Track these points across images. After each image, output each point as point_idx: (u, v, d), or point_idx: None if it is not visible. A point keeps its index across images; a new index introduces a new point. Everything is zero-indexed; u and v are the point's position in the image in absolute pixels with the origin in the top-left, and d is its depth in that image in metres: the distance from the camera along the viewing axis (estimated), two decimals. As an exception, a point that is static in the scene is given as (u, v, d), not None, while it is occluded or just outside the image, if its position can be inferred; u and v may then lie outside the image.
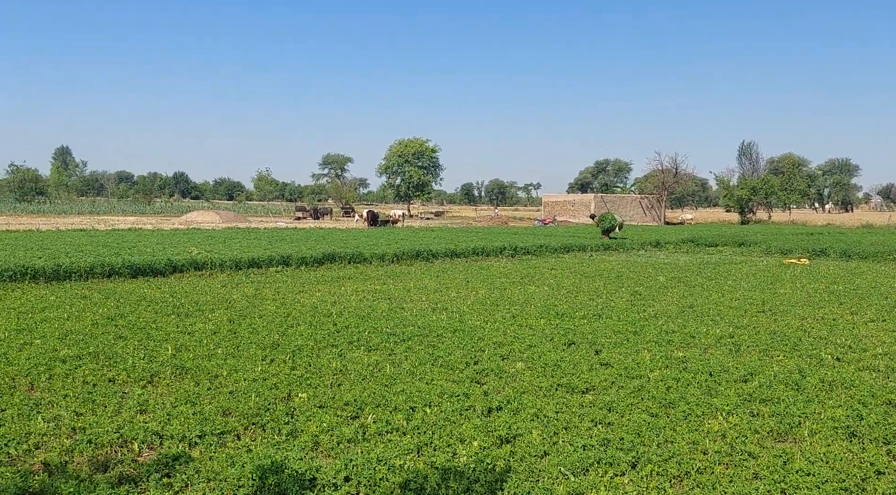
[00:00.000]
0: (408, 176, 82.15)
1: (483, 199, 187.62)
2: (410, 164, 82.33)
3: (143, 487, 4.75)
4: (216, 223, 51.11)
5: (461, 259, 23.61)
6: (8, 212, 65.77)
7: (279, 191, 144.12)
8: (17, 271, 14.99)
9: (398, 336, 9.92)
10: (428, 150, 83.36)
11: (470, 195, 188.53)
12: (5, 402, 6.49)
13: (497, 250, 25.44)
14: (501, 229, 46.70)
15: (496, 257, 24.74)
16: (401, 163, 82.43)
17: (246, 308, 12.36)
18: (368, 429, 5.93)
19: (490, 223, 64.24)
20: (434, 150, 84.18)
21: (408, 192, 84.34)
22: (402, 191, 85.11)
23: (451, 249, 24.26)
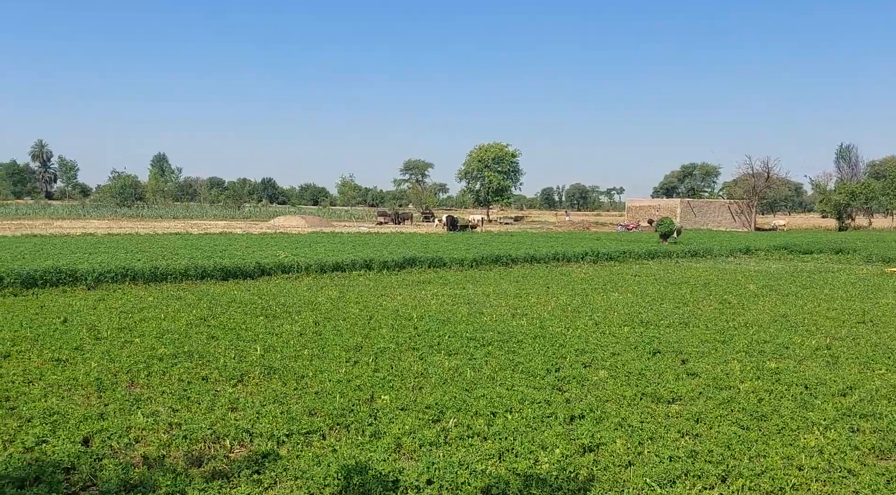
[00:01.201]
0: (487, 181, 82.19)
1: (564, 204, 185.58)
2: (490, 169, 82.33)
3: (235, 483, 4.93)
4: (302, 227, 52.62)
5: (541, 264, 23.42)
6: (110, 216, 69.77)
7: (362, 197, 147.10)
8: (119, 273, 15.86)
9: (478, 341, 9.93)
10: (508, 155, 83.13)
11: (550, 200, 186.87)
12: (108, 397, 6.87)
13: (578, 256, 25.10)
14: (583, 234, 46.05)
15: (577, 263, 24.42)
16: (480, 168, 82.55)
17: (330, 310, 12.65)
18: (450, 433, 5.96)
19: (571, 228, 63.45)
20: (514, 155, 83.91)
21: (487, 197, 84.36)
22: (481, 196, 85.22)
23: (530, 254, 24.11)
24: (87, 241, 26.37)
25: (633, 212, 75.72)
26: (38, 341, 9.28)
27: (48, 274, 14.82)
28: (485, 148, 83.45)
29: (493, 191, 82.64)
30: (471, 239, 34.27)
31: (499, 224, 72.74)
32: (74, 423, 5.97)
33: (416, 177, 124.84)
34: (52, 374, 7.61)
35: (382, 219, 67.02)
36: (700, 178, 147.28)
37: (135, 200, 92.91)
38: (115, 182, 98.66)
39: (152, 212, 78.23)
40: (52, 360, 8.28)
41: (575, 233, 48.58)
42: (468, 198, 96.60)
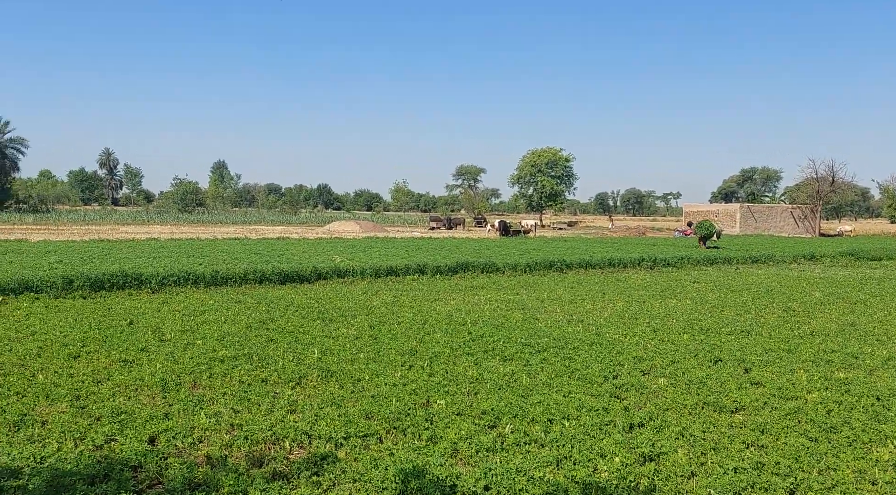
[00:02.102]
0: (540, 186, 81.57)
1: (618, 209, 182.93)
2: (543, 174, 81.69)
3: (295, 484, 4.99)
4: (356, 233, 53.23)
5: (596, 270, 23.12)
6: (172, 221, 71.87)
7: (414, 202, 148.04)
8: (181, 277, 16.32)
9: (533, 346, 9.85)
10: (561, 160, 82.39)
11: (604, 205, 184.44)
12: (172, 398, 7.06)
13: (634, 261, 24.70)
14: (638, 240, 45.28)
15: (633, 269, 24.02)
16: (533, 172, 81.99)
17: (385, 314, 12.74)
18: (506, 439, 5.92)
19: (626, 233, 62.51)
20: (568, 159, 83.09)
21: (540, 202, 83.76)
22: (534, 201, 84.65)
23: (585, 260, 23.83)
24: (150, 246, 27.21)
25: (690, 217, 74.11)
26: (106, 342, 9.60)
27: (115, 277, 15.35)
28: (538, 152, 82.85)
29: (547, 196, 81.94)
30: (524, 244, 34.07)
31: (552, 229, 72.15)
32: (141, 422, 6.15)
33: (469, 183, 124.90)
34: (120, 375, 7.86)
35: (435, 225, 67.24)
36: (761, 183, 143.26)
37: (196, 206, 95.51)
38: (177, 188, 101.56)
39: (212, 218, 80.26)
40: (119, 361, 8.56)
41: (630, 239, 47.79)
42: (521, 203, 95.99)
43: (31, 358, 8.61)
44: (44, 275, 14.83)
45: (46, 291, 14.14)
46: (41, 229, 47.08)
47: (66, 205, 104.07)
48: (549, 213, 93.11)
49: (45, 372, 7.91)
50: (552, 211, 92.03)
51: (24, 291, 13.99)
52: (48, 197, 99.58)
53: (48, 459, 5.23)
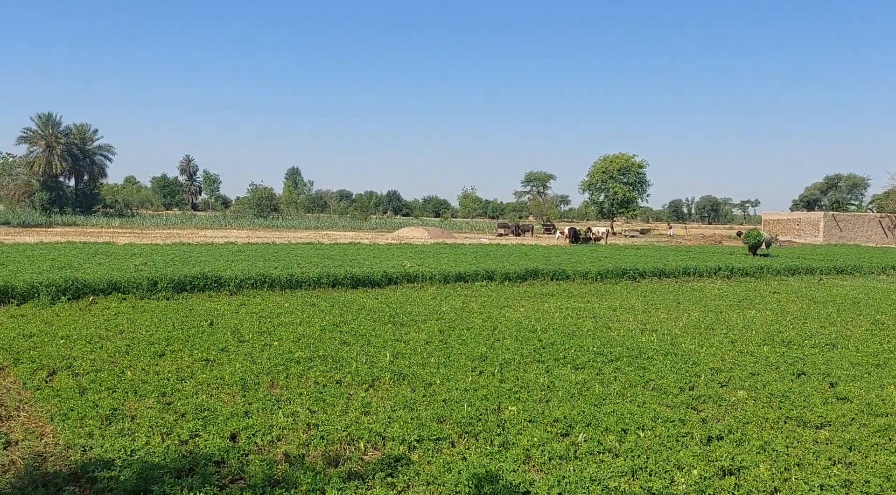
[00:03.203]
0: (612, 192, 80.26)
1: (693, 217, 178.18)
2: (615, 180, 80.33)
3: (370, 484, 5.08)
4: (424, 238, 53.68)
5: (670, 279, 22.60)
6: (248, 226, 74.17)
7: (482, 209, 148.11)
8: (258, 280, 16.83)
9: (606, 356, 9.71)
10: (634, 166, 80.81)
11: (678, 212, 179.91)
12: (252, 397, 7.29)
13: (710, 270, 24.02)
14: (714, 248, 43.98)
15: (709, 278, 23.35)
16: (605, 179, 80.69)
17: (454, 320, 12.80)
18: (580, 448, 5.86)
19: (701, 242, 60.82)
20: (641, 165, 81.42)
21: (611, 209, 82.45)
22: (604, 208, 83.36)
23: (658, 268, 23.32)
24: (228, 250, 28.15)
25: (769, 225, 71.50)
26: (189, 342, 10.00)
27: (196, 280, 15.97)
28: (610, 158, 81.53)
29: (618, 202, 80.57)
30: (594, 251, 33.62)
31: (624, 237, 70.94)
32: (223, 420, 6.38)
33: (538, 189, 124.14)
34: (202, 373, 8.17)
35: (503, 231, 67.08)
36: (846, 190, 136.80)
37: (270, 211, 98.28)
38: (253, 194, 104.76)
39: (286, 223, 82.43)
40: (201, 360, 8.90)
41: (706, 247, 46.48)
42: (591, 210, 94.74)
43: (120, 355, 9.04)
44: (130, 276, 15.55)
45: (133, 292, 14.82)
46: (126, 232, 49.42)
47: (150, 210, 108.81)
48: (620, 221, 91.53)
49: (133, 369, 8.29)
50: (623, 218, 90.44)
51: (113, 292, 14.70)
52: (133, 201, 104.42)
53: (138, 452, 5.49)
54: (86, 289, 14.39)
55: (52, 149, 78.60)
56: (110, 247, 27.87)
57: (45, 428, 6.21)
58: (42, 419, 6.47)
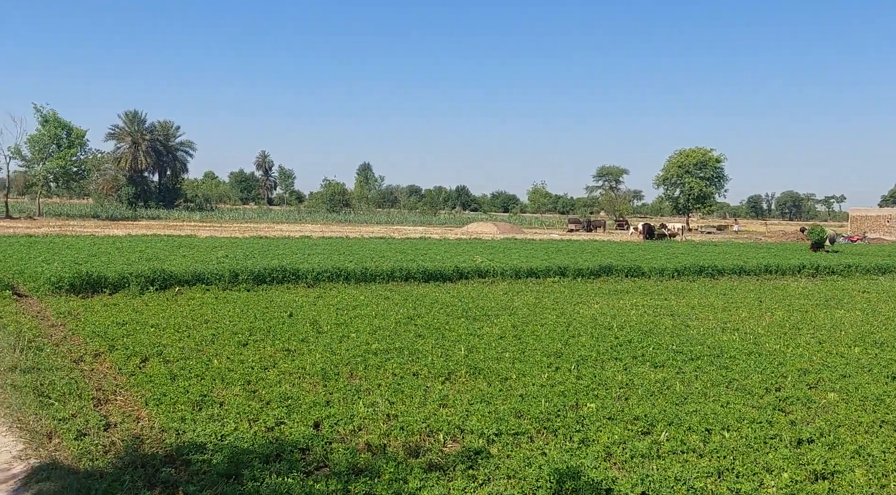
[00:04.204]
0: (688, 187, 77.98)
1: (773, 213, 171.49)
2: (691, 175, 78.03)
3: (451, 476, 5.12)
4: (494, 234, 53.61)
5: (751, 277, 21.84)
6: (321, 220, 75.81)
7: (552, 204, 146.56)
8: (334, 273, 17.18)
9: (685, 354, 9.48)
10: (711, 160, 78.23)
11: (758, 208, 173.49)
12: (332, 386, 7.45)
13: (794, 268, 23.09)
14: (796, 246, 42.25)
15: (792, 276, 22.46)
16: (680, 173, 78.41)
17: (527, 315, 12.74)
18: (662, 447, 5.74)
19: (783, 239, 58.50)
20: (718, 160, 78.74)
21: (687, 205, 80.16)
22: (680, 204, 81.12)
23: (738, 266, 22.58)
24: (304, 243, 28.84)
25: (857, 222, 68.17)
26: (270, 332, 10.30)
27: (275, 272, 16.43)
28: (686, 153, 79.19)
29: (694, 198, 78.25)
30: (670, 248, 32.82)
31: (700, 233, 68.96)
32: (306, 408, 6.55)
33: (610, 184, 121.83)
34: (284, 363, 8.41)
35: (574, 227, 66.29)
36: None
37: (342, 206, 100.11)
38: (326, 189, 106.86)
39: (358, 218, 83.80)
40: (282, 350, 9.15)
41: (787, 244, 44.71)
42: (666, 205, 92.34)
43: (207, 344, 9.40)
44: (213, 268, 16.13)
45: (216, 283, 15.37)
46: (207, 226, 51.28)
47: (228, 204, 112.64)
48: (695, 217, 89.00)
49: (219, 357, 8.61)
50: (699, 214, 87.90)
51: (197, 283, 15.28)
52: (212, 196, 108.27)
53: (228, 437, 5.70)
54: (172, 280, 15.01)
55: (137, 145, 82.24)
56: (193, 239, 28.97)
57: (140, 412, 6.52)
58: (137, 403, 6.80)
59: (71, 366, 8.08)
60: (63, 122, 55.16)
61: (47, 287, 13.84)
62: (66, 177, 56.72)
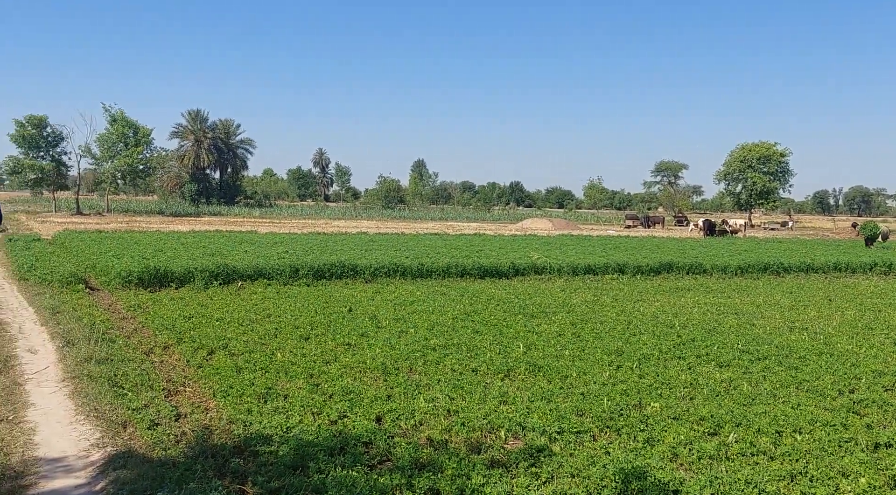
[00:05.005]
0: (750, 182, 75.66)
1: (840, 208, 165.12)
2: (754, 170, 75.67)
3: (514, 473, 5.10)
4: (549, 230, 53.17)
5: (818, 274, 21.09)
6: (377, 217, 76.46)
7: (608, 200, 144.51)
8: (391, 268, 17.33)
9: (752, 354, 9.22)
10: (776, 154, 75.62)
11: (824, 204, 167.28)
12: (392, 381, 7.51)
13: (865, 266, 22.20)
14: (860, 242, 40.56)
15: (863, 274, 21.60)
16: (743, 168, 76.09)
17: (586, 313, 12.59)
18: (731, 448, 5.60)
19: (850, 236, 56.33)
20: (783, 154, 76.13)
21: (749, 200, 77.82)
22: (742, 200, 78.80)
23: (805, 263, 21.82)
24: (361, 240, 29.14)
25: (931, 217, 65.04)
26: (331, 327, 10.44)
27: (334, 267, 16.66)
28: (748, 147, 76.72)
29: (757, 193, 75.90)
30: (732, 245, 31.92)
31: (763, 229, 66.96)
32: (368, 402, 6.62)
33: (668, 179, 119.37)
34: (345, 357, 8.52)
35: (631, 223, 65.18)
36: None
37: (397, 203, 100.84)
38: (381, 186, 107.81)
39: (412, 214, 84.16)
40: (343, 344, 9.27)
41: (857, 241, 43.01)
42: (727, 201, 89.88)
43: (270, 337, 9.59)
44: (274, 264, 16.46)
45: (277, 278, 15.68)
46: (266, 222, 52.36)
47: (286, 201, 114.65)
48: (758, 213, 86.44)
49: (283, 351, 8.77)
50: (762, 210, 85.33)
51: (259, 278, 15.62)
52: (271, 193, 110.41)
53: (293, 429, 5.80)
54: (235, 275, 15.38)
55: (200, 143, 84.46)
56: (253, 235, 29.59)
57: (208, 403, 6.70)
58: (205, 394, 6.99)
59: (142, 357, 8.36)
60: (130, 121, 57.00)
61: (117, 281, 14.35)
62: (132, 174, 58.52)
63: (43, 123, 53.53)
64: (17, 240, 22.09)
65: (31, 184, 57.80)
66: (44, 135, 53.73)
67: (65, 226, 34.67)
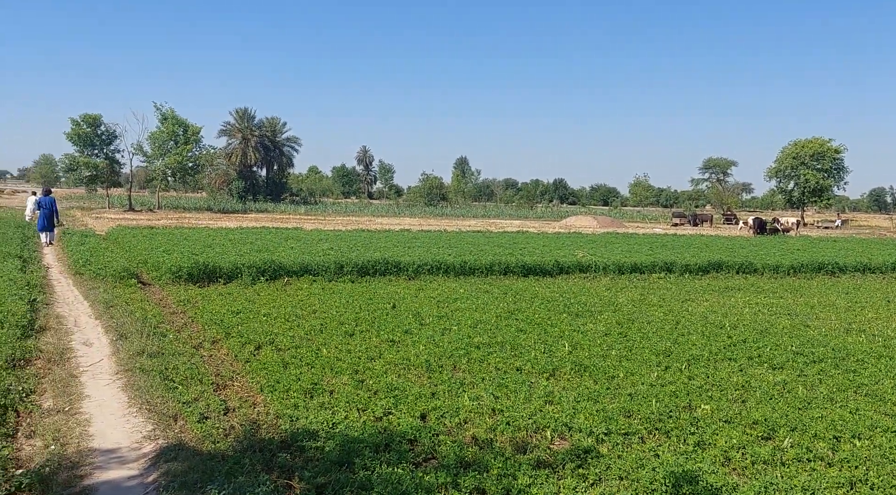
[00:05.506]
0: (803, 180, 73.53)
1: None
2: (807, 167, 73.52)
3: (561, 474, 5.02)
4: (594, 227, 52.61)
5: (876, 275, 20.40)
6: (419, 214, 76.71)
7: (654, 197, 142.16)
8: (434, 265, 17.34)
9: (807, 356, 8.94)
10: (830, 151, 73.27)
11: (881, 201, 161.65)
12: (436, 378, 7.49)
13: (926, 266, 21.37)
14: (926, 241, 39.10)
15: (923, 274, 20.78)
16: (795, 165, 74.04)
17: (633, 312, 12.39)
18: (786, 453, 5.42)
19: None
20: (838, 151, 73.81)
21: (801, 198, 75.62)
22: (794, 197, 76.62)
23: (862, 263, 21.11)
24: (404, 237, 29.24)
25: None
26: (375, 323, 10.48)
27: (378, 264, 16.75)
28: (801, 144, 74.50)
29: (810, 191, 73.71)
30: (784, 244, 31.09)
31: (816, 228, 65.09)
32: (412, 399, 6.61)
33: (717, 176, 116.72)
34: (389, 353, 8.53)
35: (678, 221, 64.05)
36: None
37: (439, 200, 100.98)
38: (424, 183, 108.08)
39: (454, 211, 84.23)
40: (387, 341, 9.30)
41: (915, 240, 41.48)
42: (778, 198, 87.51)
43: (315, 333, 9.67)
44: (319, 260, 16.61)
45: (322, 275, 15.83)
46: (311, 219, 52.97)
47: (330, 198, 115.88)
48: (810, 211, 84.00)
49: (328, 347, 8.84)
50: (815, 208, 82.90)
51: (304, 274, 15.79)
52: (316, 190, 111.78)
53: (338, 425, 5.83)
54: (281, 271, 15.57)
55: (247, 141, 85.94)
56: (299, 232, 29.96)
57: (256, 398, 6.78)
58: (253, 389, 7.07)
59: (191, 351, 8.51)
60: (180, 120, 58.23)
61: (168, 276, 14.67)
62: (182, 171, 59.78)
63: (97, 122, 55.06)
64: (72, 235, 22.78)
65: (86, 181, 59.61)
66: (98, 134, 55.27)
67: (118, 222, 35.64)
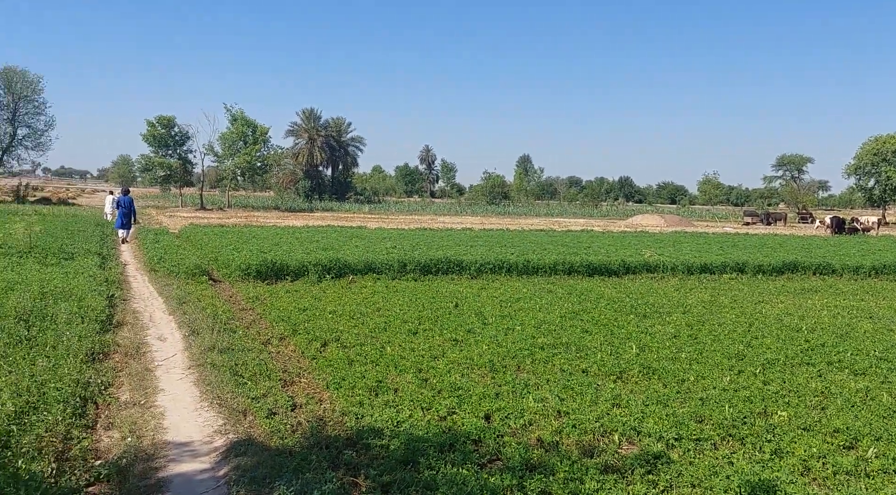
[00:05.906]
0: (884, 177, 70.03)
1: None
2: (889, 164, 69.99)
3: (630, 480, 4.89)
4: (661, 226, 51.44)
5: (966, 276, 19.22)
6: (481, 213, 76.62)
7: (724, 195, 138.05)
8: (496, 265, 17.25)
9: (891, 362, 8.50)
10: (913, 147, 69.81)
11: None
12: (500, 379, 7.42)
13: None
14: None
15: None
16: (876, 162, 70.56)
17: (703, 314, 12.03)
18: (870, 464, 5.15)
19: None
20: (921, 146, 70.15)
21: (882, 196, 72.03)
22: (874, 195, 73.04)
23: (950, 264, 19.94)
24: (466, 235, 29.22)
25: None
26: (437, 322, 10.48)
27: (440, 263, 16.77)
28: (882, 139, 70.92)
29: (892, 189, 70.14)
30: (864, 244, 29.68)
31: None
32: (476, 399, 6.57)
33: (791, 174, 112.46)
34: (452, 353, 8.51)
35: (750, 220, 61.96)
36: None
37: (501, 199, 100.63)
38: (486, 182, 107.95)
39: (517, 210, 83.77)
40: (450, 340, 9.28)
41: None
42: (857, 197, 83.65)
43: (379, 331, 9.74)
44: (383, 258, 16.76)
45: (385, 273, 15.96)
46: (375, 217, 53.59)
47: (393, 197, 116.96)
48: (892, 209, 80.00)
49: (392, 345, 8.88)
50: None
51: (368, 272, 15.95)
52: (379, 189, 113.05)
53: (403, 424, 5.84)
54: (346, 269, 15.78)
55: (313, 141, 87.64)
56: (363, 230, 30.31)
57: (322, 395, 6.86)
58: (319, 386, 7.16)
59: (260, 347, 8.69)
60: (249, 121, 59.78)
61: (237, 273, 15.05)
62: (251, 171, 61.38)
63: (171, 123, 57.09)
64: (147, 233, 23.67)
65: (161, 180, 61.84)
66: (171, 135, 57.29)
67: (190, 220, 36.86)
